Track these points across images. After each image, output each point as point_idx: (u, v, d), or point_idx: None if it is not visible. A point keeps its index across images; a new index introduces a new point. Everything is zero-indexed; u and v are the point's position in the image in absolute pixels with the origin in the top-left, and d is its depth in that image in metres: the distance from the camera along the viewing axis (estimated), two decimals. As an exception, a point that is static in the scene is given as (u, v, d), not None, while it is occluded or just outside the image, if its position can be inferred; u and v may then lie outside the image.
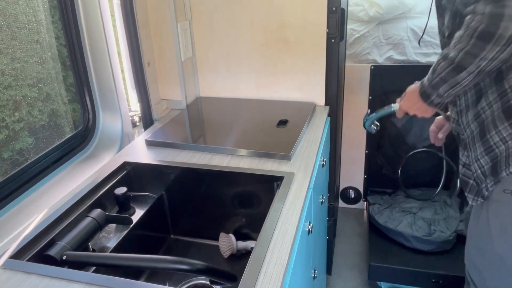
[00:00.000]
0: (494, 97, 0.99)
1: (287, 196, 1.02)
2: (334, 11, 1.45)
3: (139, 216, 1.16)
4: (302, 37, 1.53)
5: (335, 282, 2.01)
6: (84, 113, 1.37)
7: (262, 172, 1.14)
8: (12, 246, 0.88)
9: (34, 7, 1.27)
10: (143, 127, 1.57)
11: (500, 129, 0.99)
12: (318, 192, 1.35)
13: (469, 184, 1.11)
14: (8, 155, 1.21)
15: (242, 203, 1.22)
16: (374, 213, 2.05)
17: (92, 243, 1.02)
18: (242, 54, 1.62)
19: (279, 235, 0.89)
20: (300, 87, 1.62)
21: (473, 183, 1.09)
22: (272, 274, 0.78)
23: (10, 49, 1.19)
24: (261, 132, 1.38)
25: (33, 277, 0.81)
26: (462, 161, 1.14)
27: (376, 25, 2.05)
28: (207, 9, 1.58)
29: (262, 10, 1.53)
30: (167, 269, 0.85)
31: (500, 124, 0.99)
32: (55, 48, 1.35)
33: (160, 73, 1.63)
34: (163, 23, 1.52)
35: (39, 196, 1.12)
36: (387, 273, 1.81)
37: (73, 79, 1.35)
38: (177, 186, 1.25)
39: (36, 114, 1.31)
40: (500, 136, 1.00)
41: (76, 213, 1.03)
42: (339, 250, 2.22)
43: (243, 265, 0.81)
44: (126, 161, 1.24)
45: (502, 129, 0.99)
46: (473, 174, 1.09)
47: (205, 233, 1.30)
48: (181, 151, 1.29)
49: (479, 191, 1.08)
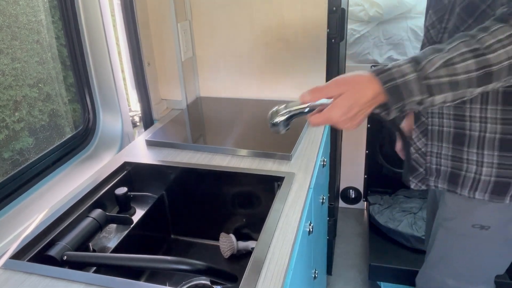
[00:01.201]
0: (493, 116, 0.87)
1: (288, 196, 1.02)
2: (334, 11, 1.45)
3: (140, 216, 1.15)
4: (302, 37, 1.53)
5: (335, 282, 2.01)
6: (84, 113, 1.37)
7: (263, 172, 1.14)
8: (13, 247, 0.88)
9: (34, 7, 1.27)
10: (143, 127, 1.57)
11: (485, 153, 0.91)
12: (319, 192, 1.35)
13: (419, 171, 1.06)
14: (9, 155, 1.21)
15: (242, 203, 1.22)
16: (375, 213, 2.05)
17: (93, 243, 1.02)
18: (242, 54, 1.62)
19: (279, 235, 0.89)
20: (300, 87, 1.61)
21: (423, 171, 1.05)
22: (272, 274, 0.78)
23: (10, 49, 1.19)
24: (261, 132, 1.38)
25: (34, 277, 0.80)
26: (417, 146, 1.04)
27: (376, 25, 2.05)
28: (207, 9, 1.58)
29: (262, 10, 1.53)
30: (167, 269, 0.85)
31: (489, 149, 0.90)
32: (55, 48, 1.35)
33: (160, 73, 1.63)
34: (163, 23, 1.52)
35: (39, 196, 1.11)
36: (387, 273, 1.81)
37: (73, 79, 1.35)
38: (177, 186, 1.25)
39: (36, 114, 1.31)
40: (478, 158, 0.92)
41: (77, 213, 1.03)
42: (339, 250, 2.22)
43: (244, 265, 0.81)
44: (127, 161, 1.24)
45: (487, 154, 0.91)
46: (426, 164, 1.03)
47: (205, 233, 1.30)
48: (181, 151, 1.29)
49: (424, 180, 1.05)
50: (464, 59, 0.68)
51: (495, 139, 0.88)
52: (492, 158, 0.91)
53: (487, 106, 0.87)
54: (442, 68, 0.68)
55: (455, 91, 0.70)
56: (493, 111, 0.87)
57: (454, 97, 0.71)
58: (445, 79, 0.69)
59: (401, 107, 0.71)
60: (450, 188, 1.00)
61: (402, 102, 0.70)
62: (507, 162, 0.90)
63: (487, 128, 0.89)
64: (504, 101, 0.86)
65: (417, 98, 0.70)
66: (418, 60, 0.70)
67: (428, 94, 0.69)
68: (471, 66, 0.68)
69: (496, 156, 0.90)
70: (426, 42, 1.01)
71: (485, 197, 0.94)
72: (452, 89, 0.69)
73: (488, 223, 0.98)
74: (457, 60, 0.68)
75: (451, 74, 0.68)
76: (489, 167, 0.92)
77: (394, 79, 0.69)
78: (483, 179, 0.94)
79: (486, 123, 0.89)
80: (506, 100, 0.85)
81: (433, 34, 0.97)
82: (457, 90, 0.70)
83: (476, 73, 0.68)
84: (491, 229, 0.99)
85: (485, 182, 0.94)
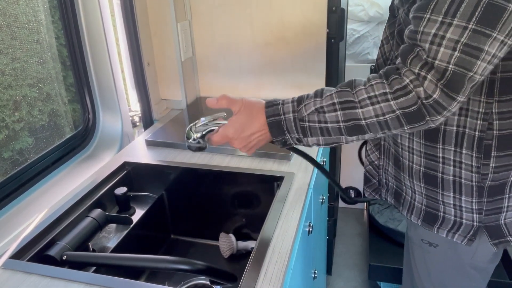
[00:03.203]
0: (418, 149, 0.87)
1: (287, 196, 1.02)
2: (334, 11, 1.45)
3: (139, 216, 1.15)
4: (302, 37, 1.53)
5: (335, 282, 2.01)
6: (84, 113, 1.37)
7: (262, 172, 1.14)
8: (12, 246, 0.88)
9: (34, 7, 1.27)
10: (143, 127, 1.57)
11: (414, 182, 0.91)
12: (318, 192, 1.35)
13: (372, 182, 1.08)
14: (8, 155, 1.20)
15: (242, 203, 1.22)
16: (374, 213, 2.05)
17: (92, 243, 1.02)
18: (242, 54, 1.62)
19: (279, 235, 0.89)
20: (300, 87, 1.62)
21: (376, 183, 1.07)
22: (272, 274, 0.78)
23: (10, 49, 1.19)
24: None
25: (33, 277, 0.80)
26: (371, 158, 1.05)
27: (376, 25, 2.05)
28: (207, 9, 1.58)
29: (262, 10, 1.53)
30: (167, 269, 0.85)
31: (417, 180, 0.90)
32: (55, 48, 1.35)
33: (160, 73, 1.63)
34: (163, 23, 1.52)
35: (39, 196, 1.12)
36: (387, 273, 1.81)
37: (73, 79, 1.35)
38: (177, 186, 1.25)
39: (36, 114, 1.31)
40: (411, 185, 0.92)
41: (76, 213, 1.03)
42: (339, 250, 2.22)
43: (243, 265, 0.81)
44: (126, 161, 1.24)
45: (415, 183, 0.91)
46: (379, 176, 1.06)
47: (205, 233, 1.30)
48: (181, 151, 1.29)
49: (377, 190, 1.07)
50: (333, 109, 0.71)
51: (420, 171, 0.88)
52: (420, 188, 0.91)
53: (413, 137, 0.87)
54: (314, 113, 0.73)
55: (327, 136, 0.74)
56: (418, 143, 0.86)
57: (327, 141, 0.74)
58: (316, 125, 0.73)
59: (282, 141, 0.77)
60: (395, 204, 1.01)
61: (283, 137, 0.76)
62: (432, 195, 0.90)
63: (414, 159, 0.89)
64: (426, 137, 0.85)
65: (295, 136, 0.75)
66: (300, 101, 0.75)
67: (302, 134, 0.75)
68: (339, 117, 0.71)
69: (423, 187, 0.90)
70: (380, 57, 1.00)
71: (418, 222, 0.94)
72: (323, 134, 0.74)
73: (435, 241, 0.96)
74: (327, 109, 0.72)
75: (322, 121, 0.73)
76: (420, 196, 0.92)
77: (278, 115, 0.75)
78: (417, 205, 0.94)
79: (413, 154, 0.88)
80: (427, 136, 0.84)
81: (386, 50, 0.97)
82: (329, 136, 0.73)
83: (344, 124, 0.71)
84: (440, 248, 0.96)
85: (417, 208, 0.94)
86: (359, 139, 0.74)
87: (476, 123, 0.78)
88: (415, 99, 0.65)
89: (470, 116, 0.78)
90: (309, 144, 0.76)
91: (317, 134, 0.74)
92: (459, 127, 0.79)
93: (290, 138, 0.76)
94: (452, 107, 0.65)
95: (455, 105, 0.65)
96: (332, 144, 0.75)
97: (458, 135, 0.80)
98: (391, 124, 0.68)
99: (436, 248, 0.96)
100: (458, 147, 0.81)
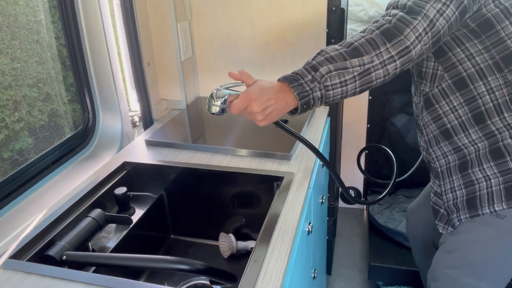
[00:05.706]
0: (477, 136, 0.99)
1: (287, 196, 1.02)
2: (334, 11, 1.45)
3: (139, 216, 1.16)
4: (302, 37, 1.53)
5: (335, 282, 2.01)
6: (84, 113, 1.37)
7: (262, 172, 1.14)
8: (12, 246, 0.88)
9: (34, 7, 1.27)
10: (143, 127, 1.57)
11: (485, 167, 0.99)
12: (318, 192, 1.35)
13: (440, 212, 1.12)
14: (8, 155, 1.20)
15: (242, 203, 1.22)
16: (374, 213, 2.05)
17: (92, 243, 1.02)
18: (242, 54, 1.62)
19: (279, 235, 0.89)
20: (300, 87, 1.61)
21: (444, 212, 1.10)
22: (272, 274, 0.78)
23: (10, 49, 1.19)
24: (261, 132, 1.38)
25: (33, 277, 0.80)
26: (434, 189, 1.14)
27: (376, 25, 2.05)
28: (207, 9, 1.58)
29: (262, 10, 1.53)
30: (167, 269, 0.85)
31: (486, 162, 0.99)
32: (55, 48, 1.35)
33: (160, 73, 1.63)
34: (163, 23, 1.52)
35: (39, 196, 1.12)
36: (387, 273, 1.81)
37: (73, 79, 1.35)
38: (177, 186, 1.25)
39: (36, 114, 1.31)
40: (483, 174, 1.00)
41: (76, 213, 1.03)
42: (339, 250, 2.22)
43: (243, 265, 0.81)
44: (126, 161, 1.24)
45: (487, 168, 0.99)
46: (444, 204, 1.09)
47: (205, 233, 1.30)
48: (181, 151, 1.29)
49: (449, 221, 1.09)
50: (326, 49, 0.89)
51: (486, 152, 1.00)
52: (492, 169, 0.99)
53: (468, 130, 1.01)
54: (311, 58, 0.91)
55: (330, 63, 0.85)
56: (474, 132, 1.00)
57: (335, 68, 0.84)
58: (320, 58, 0.88)
59: (300, 91, 0.85)
60: (473, 213, 1.02)
61: (299, 82, 0.86)
62: (504, 167, 0.97)
63: (479, 147, 1.00)
64: (476, 122, 0.99)
65: (308, 77, 0.86)
66: None
67: (312, 70, 0.86)
68: (336, 47, 0.87)
69: (493, 166, 0.99)
70: None
71: (503, 205, 0.98)
72: (328, 62, 0.85)
73: (503, 213, 0.99)
74: (320, 51, 0.89)
75: (324, 54, 0.89)
76: (495, 177, 0.98)
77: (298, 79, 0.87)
78: (495, 190, 0.98)
79: (476, 143, 1.01)
80: (477, 120, 0.99)
81: None
82: (332, 63, 0.85)
83: (342, 50, 0.86)
84: (507, 219, 0.99)
85: (497, 192, 0.98)
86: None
87: (503, 91, 0.95)
88: (386, 22, 0.85)
89: (495, 90, 0.95)
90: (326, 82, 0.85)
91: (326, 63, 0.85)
92: (493, 102, 0.96)
93: (306, 84, 0.85)
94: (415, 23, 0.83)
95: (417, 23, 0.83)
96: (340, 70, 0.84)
97: (496, 107, 0.96)
98: (378, 41, 0.84)
99: (503, 219, 0.99)
100: (501, 114, 0.96)
